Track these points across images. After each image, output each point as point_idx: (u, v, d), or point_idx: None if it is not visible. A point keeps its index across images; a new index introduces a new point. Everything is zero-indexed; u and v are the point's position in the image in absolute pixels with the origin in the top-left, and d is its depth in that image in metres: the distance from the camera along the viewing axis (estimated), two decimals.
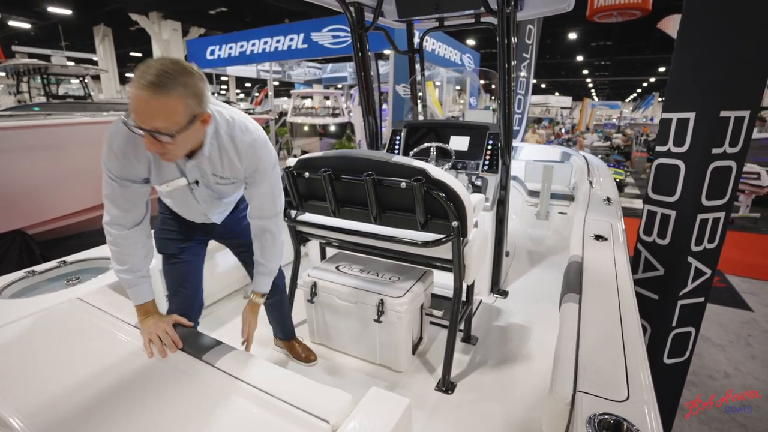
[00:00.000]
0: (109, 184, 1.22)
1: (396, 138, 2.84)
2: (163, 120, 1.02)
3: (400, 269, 1.99)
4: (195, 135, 1.14)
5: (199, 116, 1.09)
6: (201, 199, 1.42)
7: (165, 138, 1.04)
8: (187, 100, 1.03)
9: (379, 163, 1.62)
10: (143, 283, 1.33)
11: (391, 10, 2.54)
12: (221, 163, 1.30)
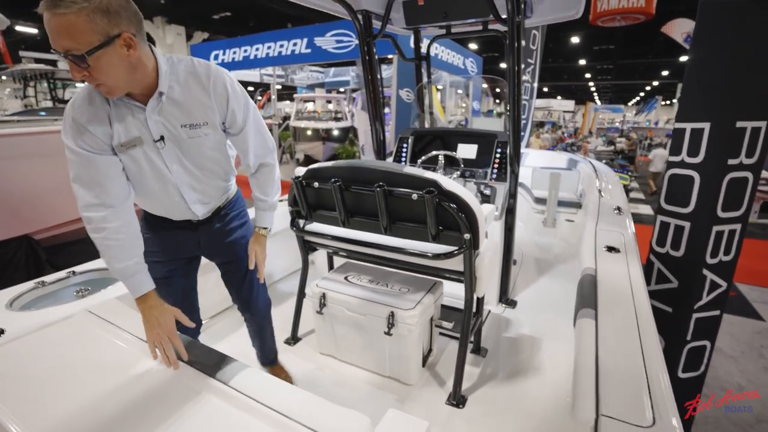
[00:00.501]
0: (73, 163, 1.16)
1: (403, 145, 2.82)
2: (67, 38, 0.98)
3: (409, 280, 1.97)
4: (122, 62, 1.07)
5: (116, 37, 1.03)
6: (172, 167, 1.27)
7: (79, 61, 1.01)
8: (92, 15, 0.97)
9: (390, 174, 1.60)
10: (139, 272, 1.23)
11: (399, 18, 2.53)
12: (188, 103, 1.22)
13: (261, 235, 1.58)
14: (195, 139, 1.27)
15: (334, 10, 2.33)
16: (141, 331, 1.30)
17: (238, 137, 1.37)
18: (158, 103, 1.19)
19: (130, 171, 1.27)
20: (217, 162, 1.39)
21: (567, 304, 2.42)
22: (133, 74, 1.12)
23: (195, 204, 1.40)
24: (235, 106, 1.29)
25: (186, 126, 1.24)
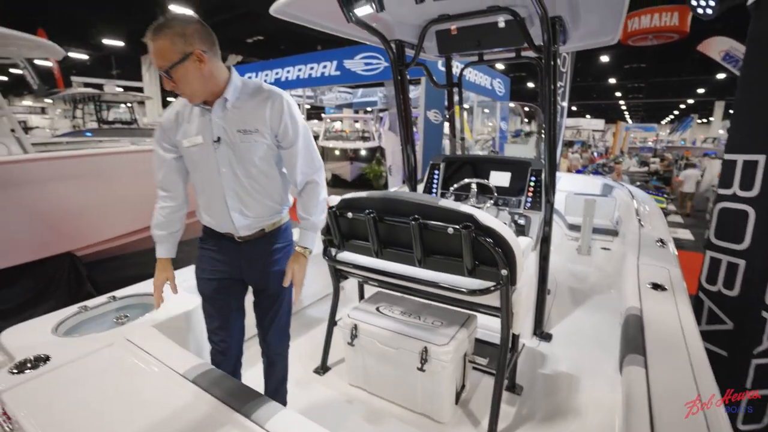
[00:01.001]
0: (157, 148, 1.51)
1: (434, 172, 2.81)
2: (159, 58, 1.28)
3: (442, 313, 1.92)
4: (195, 74, 1.32)
5: (190, 54, 1.29)
6: (221, 169, 1.44)
7: (166, 75, 1.30)
8: (173, 39, 1.26)
9: (425, 206, 1.58)
10: (162, 243, 1.57)
11: (432, 46, 2.55)
12: (249, 111, 1.42)
13: (301, 254, 1.56)
14: (246, 144, 1.42)
15: (369, 39, 2.38)
16: (174, 362, 1.32)
17: (288, 152, 1.49)
18: (222, 107, 1.41)
19: (190, 167, 1.51)
20: (265, 174, 1.49)
21: (606, 339, 2.31)
22: (206, 83, 1.36)
23: (235, 212, 1.49)
24: (288, 121, 1.44)
25: (241, 131, 1.41)
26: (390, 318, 1.89)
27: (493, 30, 2.20)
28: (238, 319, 1.66)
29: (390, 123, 9.52)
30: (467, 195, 2.58)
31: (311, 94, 13.41)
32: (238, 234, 1.53)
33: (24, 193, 3.56)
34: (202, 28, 1.33)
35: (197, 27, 1.32)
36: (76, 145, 5.53)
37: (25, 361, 1.33)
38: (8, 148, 3.98)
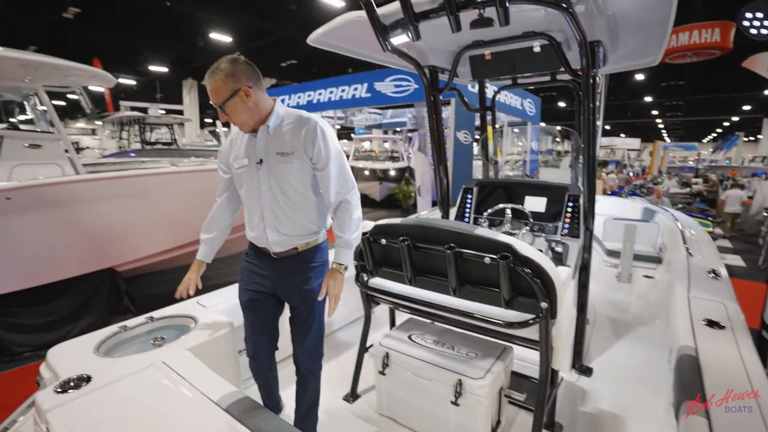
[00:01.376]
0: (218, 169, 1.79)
1: (467, 197, 2.77)
2: (214, 96, 1.51)
3: (477, 343, 1.86)
4: (244, 106, 1.52)
5: (239, 90, 1.49)
6: (262, 187, 1.61)
7: (225, 106, 1.51)
8: (225, 79, 1.48)
9: (461, 235, 1.55)
10: (201, 245, 1.81)
11: (466, 71, 2.56)
12: (287, 136, 1.58)
13: (337, 270, 1.62)
14: (283, 165, 1.58)
15: (402, 65, 2.41)
16: (208, 389, 1.32)
17: (322, 173, 1.60)
18: (265, 133, 1.60)
19: (238, 186, 1.71)
20: (300, 194, 1.62)
21: (654, 376, 2.16)
22: (252, 114, 1.56)
23: (270, 228, 1.63)
24: (322, 145, 1.57)
25: (279, 153, 1.58)
26: (423, 347, 1.84)
27: (528, 55, 2.18)
28: (266, 331, 1.75)
29: (419, 144, 9.55)
30: (501, 220, 2.52)
31: (342, 115, 13.70)
32: (272, 250, 1.65)
33: (74, 211, 3.77)
34: (248, 66, 1.53)
35: (243, 66, 1.51)
36: (121, 166, 5.84)
37: (68, 380, 1.37)
38: (62, 169, 4.24)
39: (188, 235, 4.48)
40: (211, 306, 2.02)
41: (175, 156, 7.79)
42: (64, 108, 22.18)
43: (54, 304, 3.92)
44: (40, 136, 4.21)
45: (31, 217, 3.53)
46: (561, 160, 15.75)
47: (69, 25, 11.43)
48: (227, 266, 6.07)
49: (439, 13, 1.62)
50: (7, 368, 3.40)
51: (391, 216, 9.36)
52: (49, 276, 3.87)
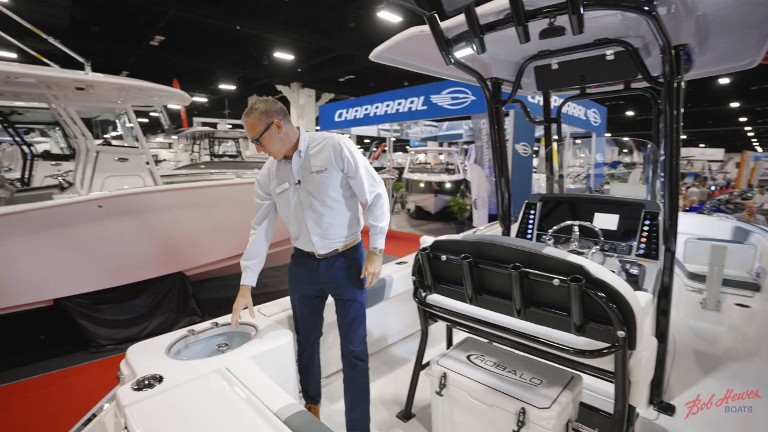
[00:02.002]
0: (255, 194, 1.98)
1: (530, 212, 2.64)
2: (250, 131, 1.75)
3: (541, 369, 1.74)
4: (277, 137, 1.77)
5: (271, 124, 1.74)
6: (304, 202, 1.85)
7: (256, 142, 1.75)
8: (260, 116, 1.73)
9: (528, 254, 1.46)
10: (246, 270, 1.94)
11: (530, 83, 2.46)
12: (317, 157, 1.83)
13: (374, 254, 1.92)
14: (319, 181, 1.82)
15: (465, 78, 2.37)
16: (268, 399, 1.34)
17: (355, 179, 1.87)
18: (298, 157, 1.84)
19: (281, 207, 1.94)
20: (337, 202, 1.87)
21: (752, 424, 1.89)
22: (284, 143, 1.81)
23: (315, 236, 1.88)
24: (349, 157, 1.83)
25: (314, 172, 1.82)
26: (483, 370, 1.75)
27: (600, 63, 2.05)
28: (314, 320, 2.05)
29: (476, 156, 9.37)
30: (567, 238, 2.37)
31: (397, 128, 13.84)
32: (318, 253, 1.91)
33: (152, 219, 4.11)
34: (276, 104, 1.78)
35: (272, 104, 1.77)
36: (192, 177, 6.31)
37: (144, 378, 1.47)
38: (144, 180, 4.66)
39: None
40: (271, 315, 2.08)
41: (239, 168, 8.28)
42: (146, 124, 24.56)
43: (133, 302, 4.28)
44: (127, 151, 4.66)
45: (117, 223, 3.90)
46: (630, 173, 14.64)
47: (154, 52, 12.71)
48: (283, 274, 6.29)
49: (505, 25, 1.57)
50: (93, 358, 3.75)
51: (446, 229, 9.19)
52: (130, 277, 4.24)
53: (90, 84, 3.94)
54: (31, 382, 3.37)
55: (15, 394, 3.20)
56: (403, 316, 2.84)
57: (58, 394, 3.21)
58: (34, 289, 3.71)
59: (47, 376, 3.48)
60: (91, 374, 3.50)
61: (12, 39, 4.15)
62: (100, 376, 3.42)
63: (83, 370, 3.58)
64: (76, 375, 3.50)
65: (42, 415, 2.93)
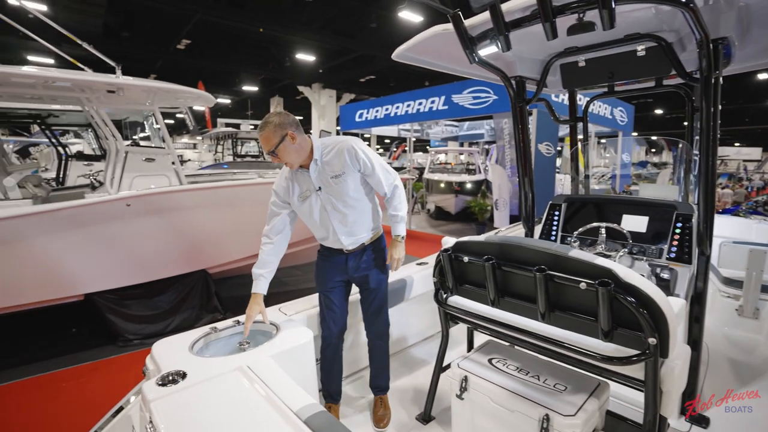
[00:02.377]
0: (271, 203, 2.02)
1: (554, 214, 2.58)
2: (266, 144, 1.81)
3: (566, 375, 1.68)
4: (292, 147, 1.83)
5: (285, 135, 1.80)
6: (327, 207, 1.95)
7: (276, 151, 1.81)
8: (274, 129, 1.79)
9: (554, 256, 1.42)
10: (258, 279, 1.97)
11: (555, 81, 2.40)
12: (334, 162, 1.91)
13: (397, 241, 2.10)
14: (340, 184, 1.92)
15: (487, 77, 2.33)
16: (289, 398, 1.34)
17: (373, 178, 1.98)
18: (316, 166, 1.92)
19: (304, 213, 2.02)
20: (359, 201, 1.98)
21: None
22: (299, 153, 1.88)
23: (342, 235, 2.00)
24: (364, 158, 1.92)
25: (333, 177, 1.92)
26: (505, 374, 1.71)
27: (630, 59, 1.98)
28: (343, 307, 2.14)
29: (497, 156, 9.24)
30: (594, 240, 2.30)
31: (418, 128, 13.77)
32: (346, 249, 2.03)
33: (177, 217, 4.22)
34: (288, 116, 1.85)
35: (285, 117, 1.84)
36: (215, 177, 6.44)
37: (168, 374, 1.49)
38: (169, 180, 4.78)
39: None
40: (292, 314, 2.09)
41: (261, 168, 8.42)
42: (173, 126, 25.26)
43: (158, 299, 4.39)
44: (154, 151, 4.79)
45: (144, 221, 4.01)
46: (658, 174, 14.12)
47: (181, 55, 13.06)
48: (303, 273, 6.36)
49: (532, 22, 1.52)
50: (121, 352, 3.88)
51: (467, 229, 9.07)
52: (156, 274, 4.35)
53: (120, 87, 4.06)
54: (63, 373, 3.51)
55: (49, 385, 3.34)
56: (423, 318, 2.81)
57: (89, 386, 3.33)
58: (67, 284, 3.86)
59: (78, 367, 3.61)
60: (119, 367, 3.62)
61: (50, 45, 4.36)
62: (127, 370, 3.52)
63: (111, 363, 3.71)
64: (105, 367, 3.62)
65: (73, 405, 3.04)
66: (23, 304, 3.76)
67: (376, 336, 2.18)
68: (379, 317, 2.17)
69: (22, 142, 12.55)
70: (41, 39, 4.24)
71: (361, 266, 2.08)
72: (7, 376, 3.43)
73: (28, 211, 3.49)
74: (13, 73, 3.68)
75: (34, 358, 3.72)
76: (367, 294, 2.14)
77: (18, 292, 3.67)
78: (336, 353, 2.15)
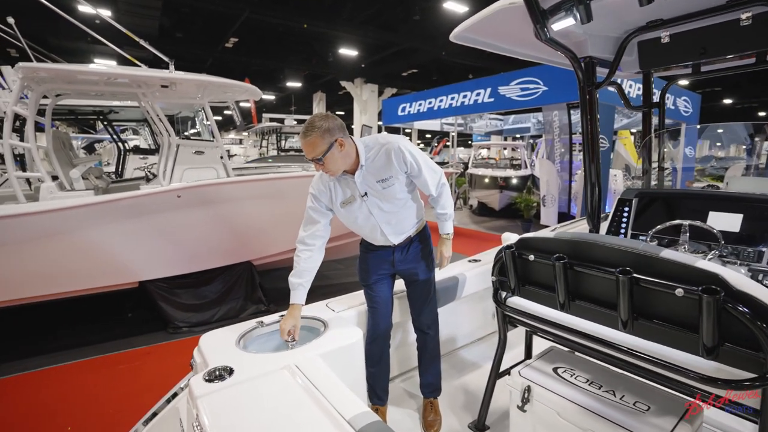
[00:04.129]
0: (309, 209, 1.88)
1: (623, 209, 2.33)
2: (311, 150, 1.64)
3: (647, 392, 1.48)
4: (339, 155, 1.69)
5: (334, 142, 1.65)
6: (374, 211, 1.84)
7: (322, 159, 1.65)
8: (323, 135, 1.63)
9: (642, 257, 1.23)
10: (297, 289, 1.83)
11: (631, 62, 2.15)
12: (380, 166, 1.78)
13: (446, 239, 2.05)
14: (387, 189, 1.82)
15: (554, 61, 2.12)
16: (340, 404, 1.25)
17: (420, 179, 1.88)
18: (362, 172, 1.79)
19: (348, 219, 1.91)
20: (405, 200, 1.89)
21: None
22: (346, 160, 1.74)
23: (390, 234, 1.93)
24: (411, 160, 1.81)
25: (380, 181, 1.80)
26: (574, 386, 1.53)
27: (730, 30, 1.71)
28: (387, 304, 2.05)
29: (546, 150, 8.78)
30: (673, 240, 2.04)
31: (461, 122, 13.43)
32: (392, 244, 1.96)
33: (224, 209, 4.29)
34: (335, 120, 1.70)
35: (333, 121, 1.68)
36: (260, 170, 6.54)
37: (215, 369, 1.44)
38: (217, 173, 4.88)
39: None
40: (340, 311, 2.01)
41: (305, 162, 8.50)
42: (220, 122, 26.28)
43: (205, 288, 4.50)
44: (204, 144, 4.91)
45: (194, 213, 4.11)
46: (727, 169, 13.00)
47: (228, 53, 13.48)
48: (346, 267, 6.34)
49: None
50: (171, 339, 4.01)
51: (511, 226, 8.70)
52: (204, 264, 4.46)
53: (173, 81, 4.18)
54: (120, 356, 3.67)
55: (105, 367, 3.50)
56: (473, 318, 2.66)
57: (142, 369, 3.46)
58: (123, 272, 4.03)
59: (133, 351, 3.77)
60: (169, 354, 3.73)
61: (114, 46, 4.60)
62: (177, 356, 3.62)
63: (162, 349, 3.83)
64: (157, 353, 3.75)
65: (128, 387, 3.15)
66: (83, 289, 3.97)
67: (425, 327, 2.07)
68: (428, 307, 2.07)
69: (89, 139, 13.51)
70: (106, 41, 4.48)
71: (408, 258, 2.00)
72: (68, 356, 3.64)
73: (91, 201, 3.66)
74: (79, 71, 3.88)
75: (93, 341, 3.92)
76: (414, 286, 2.06)
77: (78, 277, 3.87)
78: (383, 351, 2.04)
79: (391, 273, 2.04)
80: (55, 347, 3.80)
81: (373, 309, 2.02)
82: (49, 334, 4.13)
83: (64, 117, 7.81)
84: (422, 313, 2.06)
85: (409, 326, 2.18)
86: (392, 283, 2.09)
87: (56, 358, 3.59)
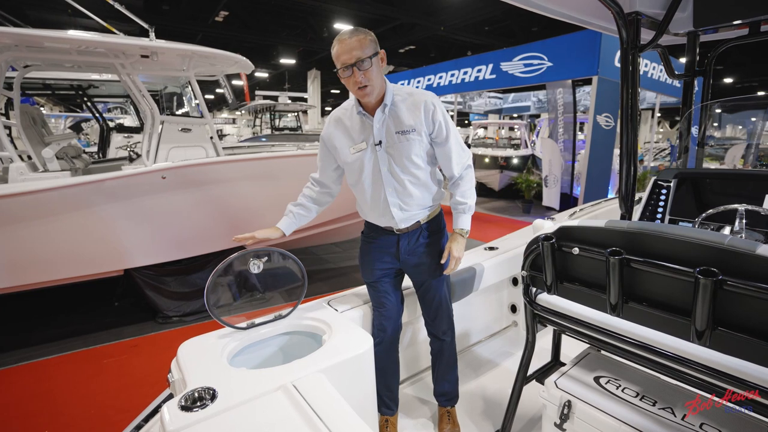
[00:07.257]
0: (319, 158, 1.75)
1: (660, 192, 2.08)
2: (360, 49, 1.43)
3: (715, 412, 1.26)
4: (379, 69, 1.50)
5: (378, 52, 1.49)
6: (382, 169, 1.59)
7: (365, 64, 1.44)
8: (368, 38, 1.46)
9: (730, 254, 0.98)
10: (287, 215, 1.77)
11: (683, 19, 1.85)
12: (404, 113, 1.56)
13: (459, 235, 1.68)
14: (404, 143, 1.57)
15: (592, 23, 1.82)
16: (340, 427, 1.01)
17: (444, 148, 1.62)
18: (382, 113, 1.56)
19: (353, 171, 1.66)
20: (420, 168, 1.61)
21: None
22: (381, 83, 1.53)
23: (394, 207, 1.64)
24: (442, 121, 1.58)
25: (399, 132, 1.57)
26: (622, 402, 1.31)
27: None
28: (395, 298, 1.79)
29: (550, 130, 8.48)
30: (719, 227, 1.80)
31: (460, 100, 13.03)
32: (397, 227, 1.68)
33: (214, 190, 3.99)
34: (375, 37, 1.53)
35: (375, 37, 1.52)
36: (253, 150, 6.21)
37: (194, 392, 1.18)
38: (206, 152, 4.55)
39: None
40: (344, 311, 1.75)
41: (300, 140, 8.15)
42: (212, 101, 25.53)
43: (195, 276, 4.24)
44: (191, 121, 4.55)
45: (181, 195, 3.81)
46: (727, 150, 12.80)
47: (219, 28, 12.84)
48: (344, 251, 6.09)
49: None
50: (161, 329, 3.78)
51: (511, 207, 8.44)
52: (193, 250, 4.19)
53: (154, 50, 3.80)
54: (106, 349, 3.43)
55: (91, 360, 3.27)
56: (488, 311, 2.42)
57: (130, 363, 3.23)
58: (105, 259, 3.75)
59: (120, 343, 3.53)
60: (158, 346, 3.50)
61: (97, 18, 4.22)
62: (166, 349, 3.40)
63: (151, 340, 3.60)
64: (145, 345, 3.52)
65: (115, 383, 2.92)
66: (61, 279, 3.69)
67: (441, 334, 1.82)
68: (443, 311, 1.80)
69: (75, 118, 12.96)
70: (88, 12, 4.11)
71: (417, 250, 1.71)
72: (54, 348, 3.39)
73: (67, 183, 3.35)
74: (46, 36, 3.49)
75: (78, 331, 3.68)
76: (422, 292, 1.80)
77: (55, 267, 3.58)
78: (390, 356, 1.81)
79: (396, 268, 1.78)
80: (37, 340, 3.55)
81: (379, 310, 1.78)
82: (29, 326, 3.88)
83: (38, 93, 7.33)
84: (436, 317, 1.81)
85: (419, 324, 1.95)
86: (400, 280, 1.85)
87: (38, 352, 3.35)
